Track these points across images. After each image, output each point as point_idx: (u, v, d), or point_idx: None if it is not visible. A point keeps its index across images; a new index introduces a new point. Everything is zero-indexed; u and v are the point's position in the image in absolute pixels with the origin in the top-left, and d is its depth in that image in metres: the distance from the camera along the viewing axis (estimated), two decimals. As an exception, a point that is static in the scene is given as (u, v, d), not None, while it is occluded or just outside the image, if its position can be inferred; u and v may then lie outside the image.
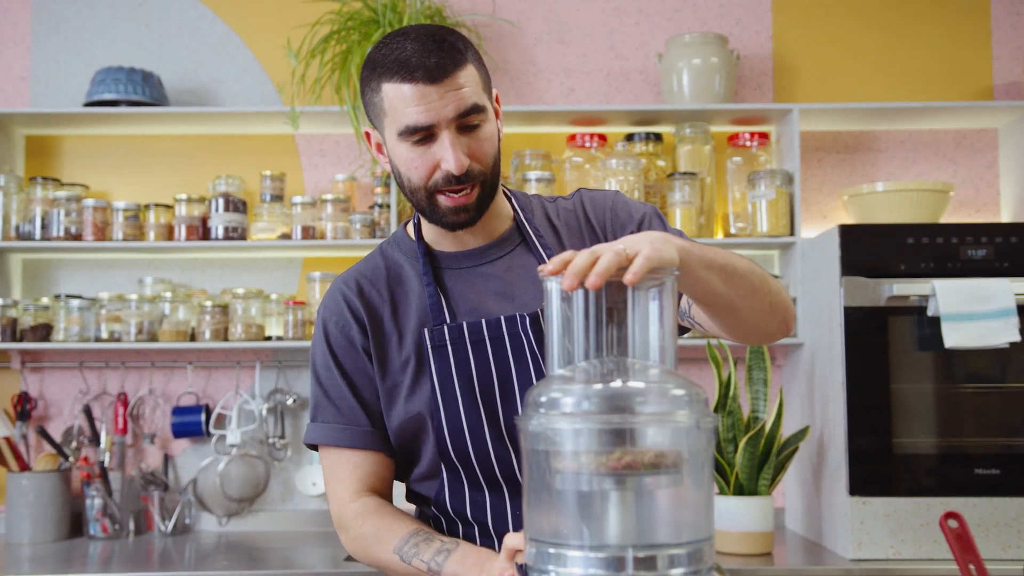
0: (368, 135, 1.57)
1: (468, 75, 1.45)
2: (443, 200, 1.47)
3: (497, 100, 1.55)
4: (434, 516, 1.59)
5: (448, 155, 1.43)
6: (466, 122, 1.45)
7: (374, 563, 1.53)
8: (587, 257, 1.10)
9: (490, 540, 1.55)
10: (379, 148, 1.56)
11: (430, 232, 1.58)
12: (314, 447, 1.60)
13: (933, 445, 2.68)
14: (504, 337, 1.51)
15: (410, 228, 1.62)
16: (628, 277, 1.08)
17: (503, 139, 1.56)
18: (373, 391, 1.56)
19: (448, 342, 1.51)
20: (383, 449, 1.56)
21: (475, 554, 1.41)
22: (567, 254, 1.11)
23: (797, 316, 3.06)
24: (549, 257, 1.53)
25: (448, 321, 1.52)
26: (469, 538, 1.56)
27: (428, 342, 1.51)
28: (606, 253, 1.10)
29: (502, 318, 1.51)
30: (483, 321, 1.51)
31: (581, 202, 1.62)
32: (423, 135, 1.44)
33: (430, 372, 1.51)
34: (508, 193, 1.63)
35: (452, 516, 1.57)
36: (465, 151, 1.45)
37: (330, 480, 1.58)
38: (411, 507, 1.67)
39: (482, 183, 1.48)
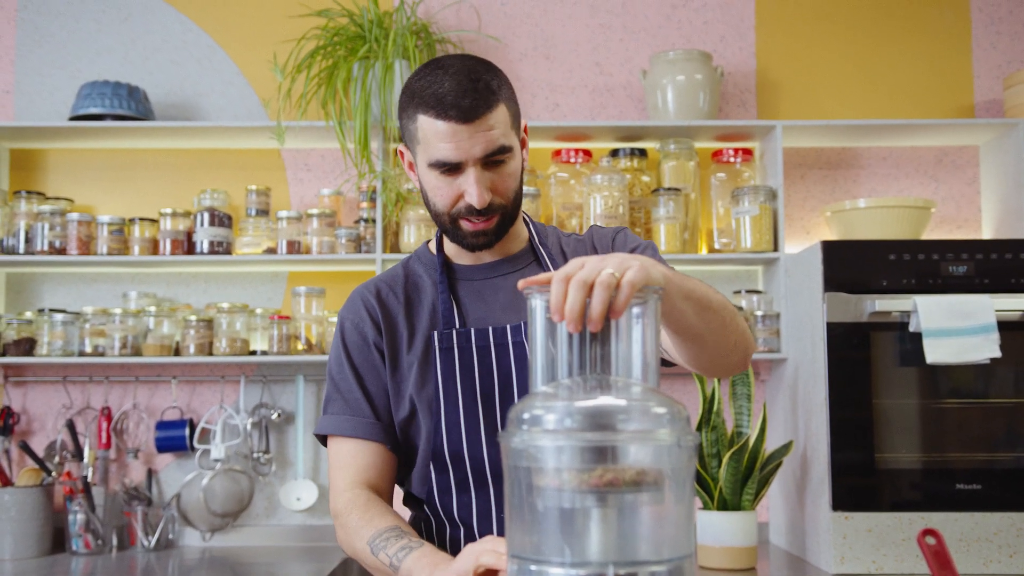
0: (402, 154, 1.68)
1: (499, 116, 1.54)
2: (465, 225, 1.59)
3: (525, 130, 1.67)
4: (426, 519, 1.68)
5: (472, 190, 1.54)
6: (492, 159, 1.55)
7: (353, 554, 1.58)
8: (580, 294, 1.10)
9: (474, 541, 1.58)
10: (411, 167, 1.67)
11: (450, 247, 1.72)
12: (323, 441, 1.69)
13: (915, 460, 2.70)
14: (508, 345, 1.62)
15: (431, 244, 1.75)
16: (615, 312, 1.11)
17: None
18: (380, 387, 1.66)
19: (455, 346, 1.63)
20: (386, 441, 1.66)
21: (432, 555, 1.44)
22: (560, 273, 1.13)
23: (780, 332, 3.08)
24: None
25: (458, 327, 1.64)
26: (455, 540, 1.64)
27: (437, 344, 1.63)
28: (598, 289, 1.10)
29: (508, 327, 1.63)
30: (490, 329, 1.63)
31: (591, 235, 1.74)
32: (451, 168, 1.55)
33: (435, 371, 1.62)
34: (527, 219, 1.76)
35: (442, 517, 1.65)
36: (488, 185, 1.56)
37: (332, 470, 1.66)
38: (407, 512, 1.75)
39: (502, 214, 1.60)
